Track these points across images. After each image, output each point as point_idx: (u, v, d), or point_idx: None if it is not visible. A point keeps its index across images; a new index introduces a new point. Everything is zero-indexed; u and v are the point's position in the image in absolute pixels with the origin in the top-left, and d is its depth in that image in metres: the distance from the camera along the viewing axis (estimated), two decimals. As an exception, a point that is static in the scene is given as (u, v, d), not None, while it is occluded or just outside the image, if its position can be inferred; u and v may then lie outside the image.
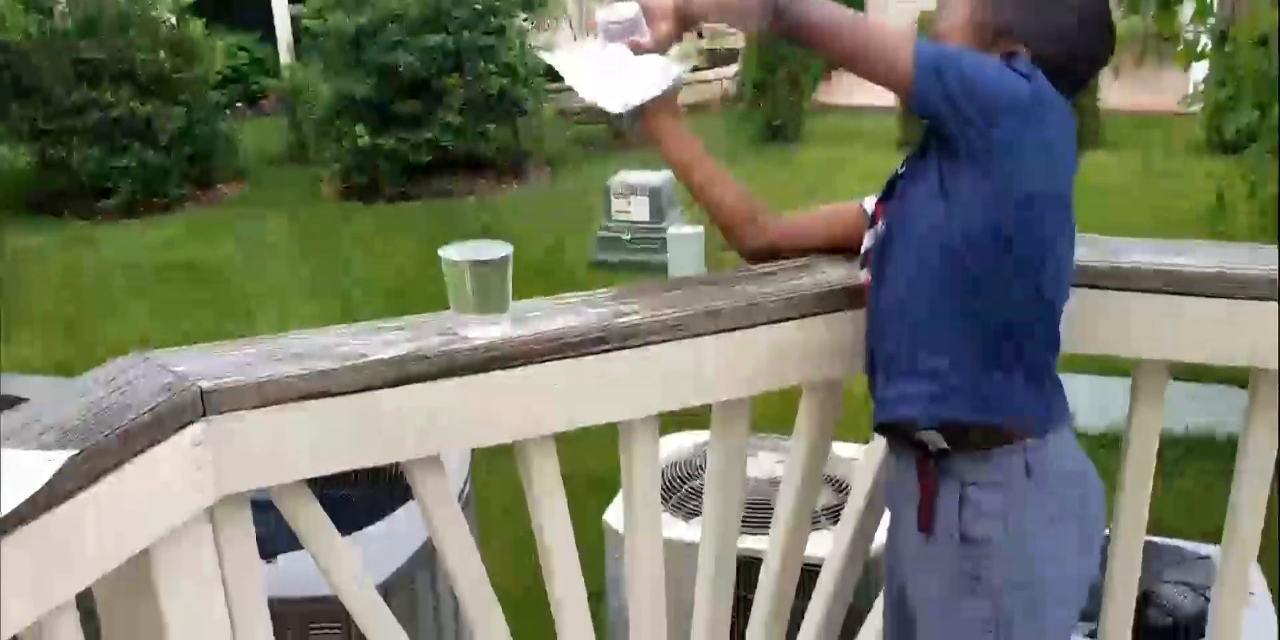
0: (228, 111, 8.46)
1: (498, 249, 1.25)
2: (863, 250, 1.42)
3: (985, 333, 1.30)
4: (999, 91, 1.25)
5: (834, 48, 1.30)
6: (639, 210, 6.27)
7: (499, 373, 1.25)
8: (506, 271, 1.26)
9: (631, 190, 6.24)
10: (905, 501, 1.40)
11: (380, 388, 1.20)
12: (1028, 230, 1.27)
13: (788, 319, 1.38)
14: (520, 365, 1.26)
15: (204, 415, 1.14)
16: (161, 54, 7.45)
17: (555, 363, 1.28)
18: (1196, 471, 3.70)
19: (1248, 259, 1.41)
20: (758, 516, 2.30)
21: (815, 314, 1.39)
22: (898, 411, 1.36)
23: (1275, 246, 1.43)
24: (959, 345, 1.31)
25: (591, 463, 3.66)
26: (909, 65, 1.25)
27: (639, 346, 1.31)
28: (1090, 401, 3.95)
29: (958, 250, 1.28)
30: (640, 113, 1.46)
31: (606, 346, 1.30)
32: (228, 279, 6.35)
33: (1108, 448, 3.89)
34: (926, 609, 1.41)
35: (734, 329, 1.35)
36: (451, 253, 1.24)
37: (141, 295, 6.11)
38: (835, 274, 1.44)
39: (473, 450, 2.07)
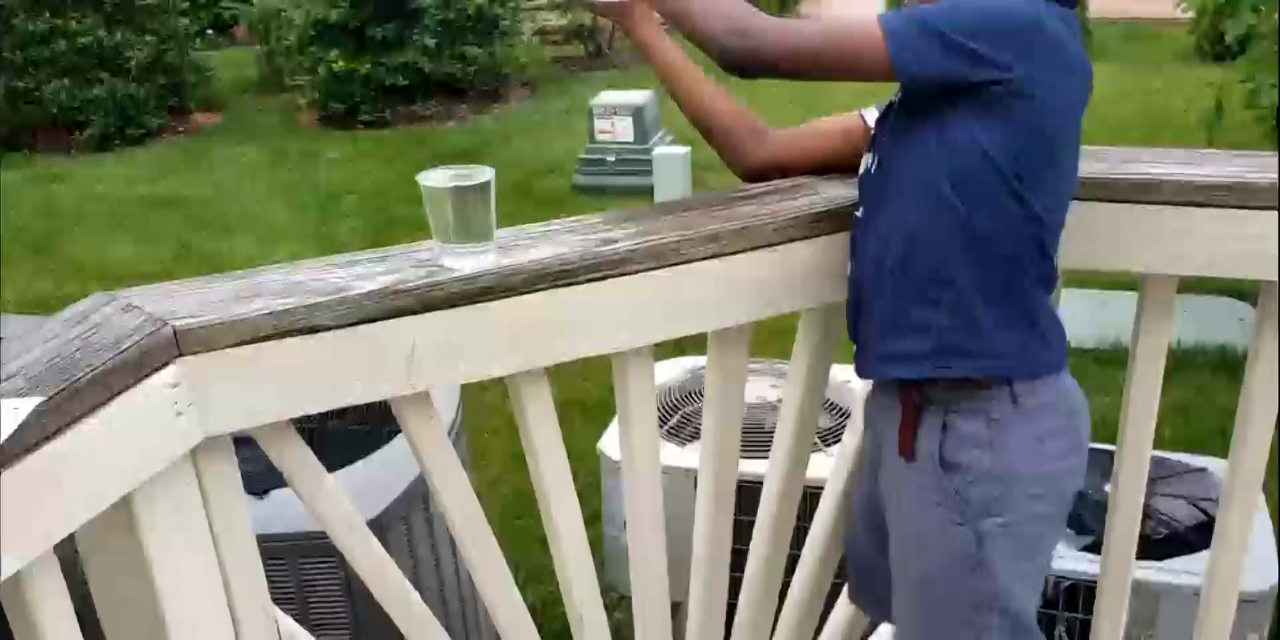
0: (198, 39, 8.24)
1: (480, 174, 1.19)
2: (860, 171, 1.36)
3: (983, 277, 1.24)
4: (993, 35, 1.15)
5: (800, 55, 1.22)
6: (623, 131, 6.17)
7: (485, 304, 1.20)
8: (490, 198, 1.20)
9: (615, 111, 6.13)
10: (887, 425, 1.37)
11: (362, 323, 1.15)
12: (1036, 166, 1.21)
13: (786, 242, 1.33)
14: (507, 296, 1.21)
15: (180, 355, 1.09)
16: (125, -21, 7.25)
17: (544, 293, 1.23)
18: (1189, 384, 3.70)
19: (1257, 168, 1.36)
20: (753, 441, 2.29)
21: (814, 236, 1.34)
22: (890, 372, 1.34)
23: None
24: (954, 294, 1.25)
25: (584, 387, 3.65)
26: (880, 46, 1.16)
27: (631, 274, 1.26)
28: (1086, 316, 3.94)
29: (959, 192, 1.21)
30: (620, 16, 1.38)
31: (597, 275, 1.24)
32: (207, 210, 6.25)
33: (1101, 362, 3.90)
34: (905, 531, 1.39)
35: (729, 254, 1.30)
36: (431, 179, 1.18)
37: (120, 229, 6.01)
38: (832, 194, 1.38)
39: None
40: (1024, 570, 1.34)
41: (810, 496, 1.63)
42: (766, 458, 1.65)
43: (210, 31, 9.47)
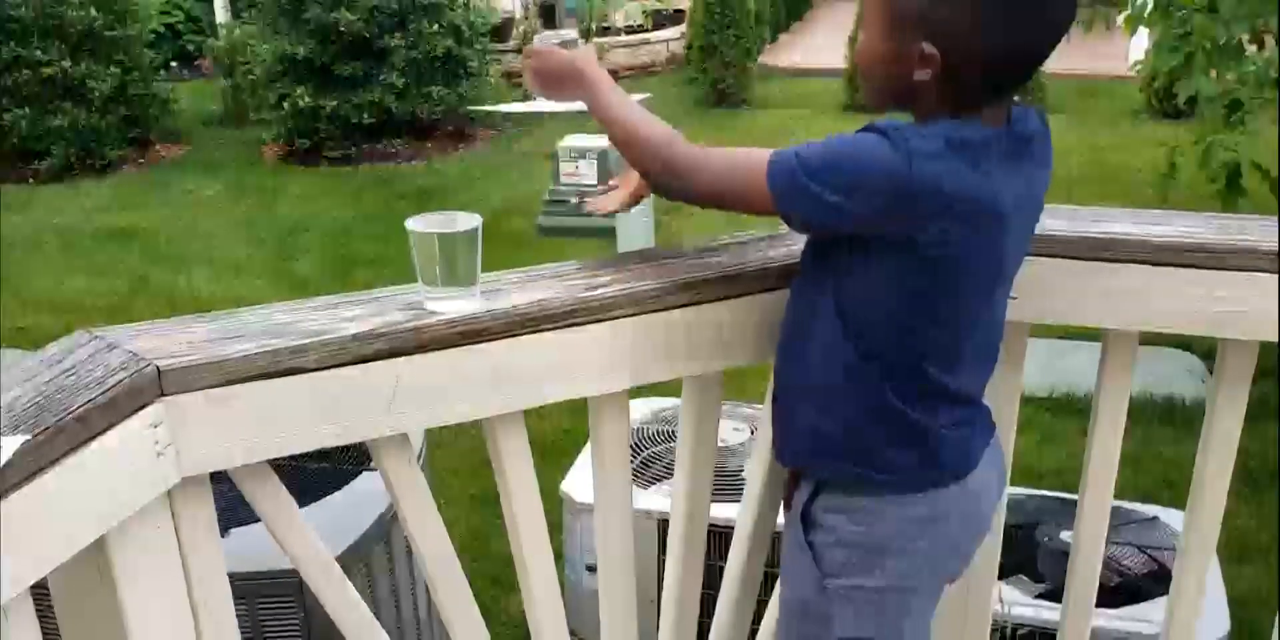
0: (163, 71, 8.22)
1: (467, 221, 1.21)
2: None
3: (864, 397, 1.26)
4: (858, 193, 1.13)
5: (717, 198, 1.25)
6: (587, 174, 6.21)
7: (467, 348, 1.22)
8: (476, 244, 1.22)
9: (580, 154, 6.18)
10: (784, 473, 1.45)
11: (345, 365, 1.17)
12: (921, 306, 1.22)
13: (760, 292, 1.36)
14: (489, 341, 1.23)
15: (162, 395, 1.09)
16: (93, 11, 7.21)
17: (525, 337, 1.25)
18: (1138, 434, 3.77)
19: (1216, 229, 1.42)
20: (716, 483, 2.31)
21: (788, 287, 1.36)
22: (782, 454, 1.39)
23: (1245, 217, 1.44)
24: (835, 406, 1.29)
25: (540, 427, 3.65)
26: (769, 197, 1.17)
27: (611, 320, 1.28)
28: (1041, 366, 4.00)
29: (845, 319, 1.24)
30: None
31: (577, 320, 1.27)
32: (166, 243, 6.20)
33: (1054, 411, 3.96)
34: (782, 570, 1.44)
35: (706, 302, 1.33)
36: (419, 225, 1.20)
37: (76, 260, 5.94)
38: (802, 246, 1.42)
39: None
40: (871, 633, 1.35)
41: (778, 542, 1.65)
42: (729, 500, 1.67)
43: (175, 64, 9.45)
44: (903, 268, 1.18)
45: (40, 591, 1.04)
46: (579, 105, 1.34)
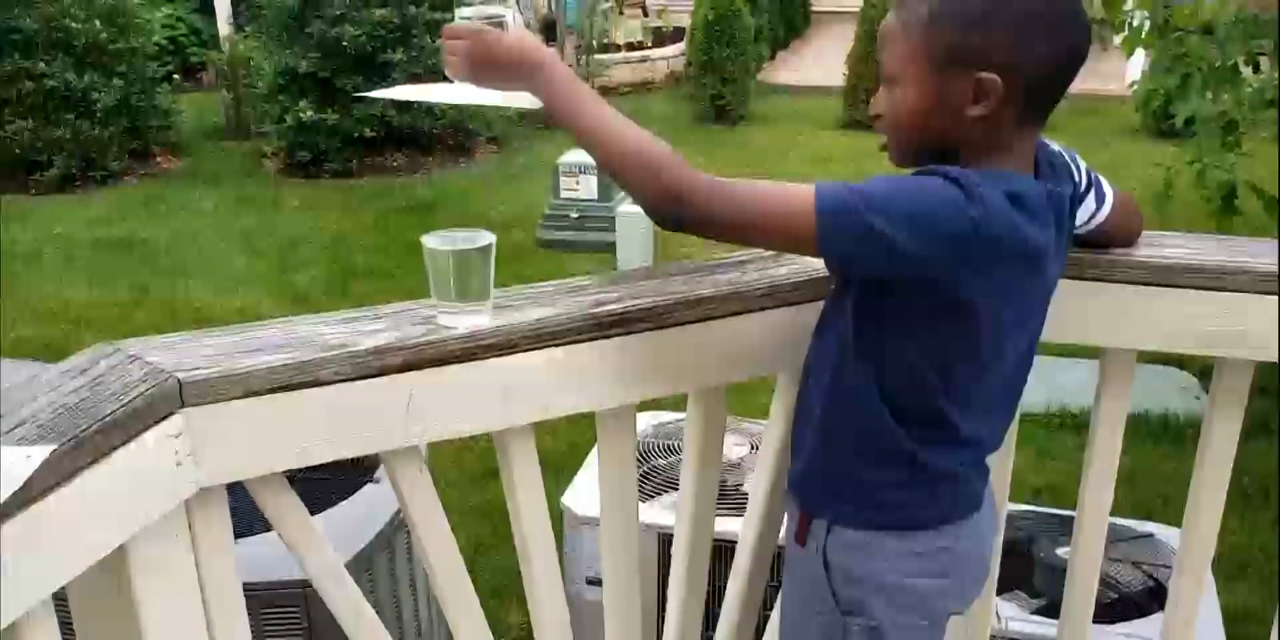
0: (166, 84, 8.25)
1: (481, 238, 1.24)
2: None
3: (865, 440, 1.28)
4: (921, 240, 1.07)
5: (734, 230, 1.15)
6: (587, 189, 6.24)
7: (480, 362, 1.24)
8: (489, 260, 1.25)
9: (580, 169, 6.21)
10: (791, 506, 1.44)
11: (361, 378, 1.19)
12: (952, 358, 1.22)
13: (768, 307, 1.38)
14: (502, 355, 1.25)
15: (182, 407, 1.11)
16: (97, 24, 7.25)
17: (536, 352, 1.27)
18: (1133, 450, 3.79)
19: (1217, 250, 1.44)
20: (717, 499, 2.32)
21: (796, 303, 1.39)
22: (794, 483, 1.40)
23: (1242, 238, 1.47)
24: (838, 446, 1.31)
25: (544, 441, 3.66)
26: (812, 233, 1.08)
27: (620, 335, 1.30)
28: (1036, 383, 4.03)
29: (863, 365, 1.24)
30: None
31: (588, 335, 1.29)
32: (165, 254, 6.22)
33: (1050, 427, 3.98)
34: (786, 608, 1.44)
35: (715, 317, 1.35)
36: (434, 241, 1.22)
37: (76, 271, 5.96)
38: (813, 262, 1.44)
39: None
40: None
41: (780, 557, 1.66)
42: (732, 515, 1.69)
43: (177, 76, 9.48)
44: (942, 311, 1.17)
45: (55, 598, 1.06)
46: (519, 97, 1.18)
